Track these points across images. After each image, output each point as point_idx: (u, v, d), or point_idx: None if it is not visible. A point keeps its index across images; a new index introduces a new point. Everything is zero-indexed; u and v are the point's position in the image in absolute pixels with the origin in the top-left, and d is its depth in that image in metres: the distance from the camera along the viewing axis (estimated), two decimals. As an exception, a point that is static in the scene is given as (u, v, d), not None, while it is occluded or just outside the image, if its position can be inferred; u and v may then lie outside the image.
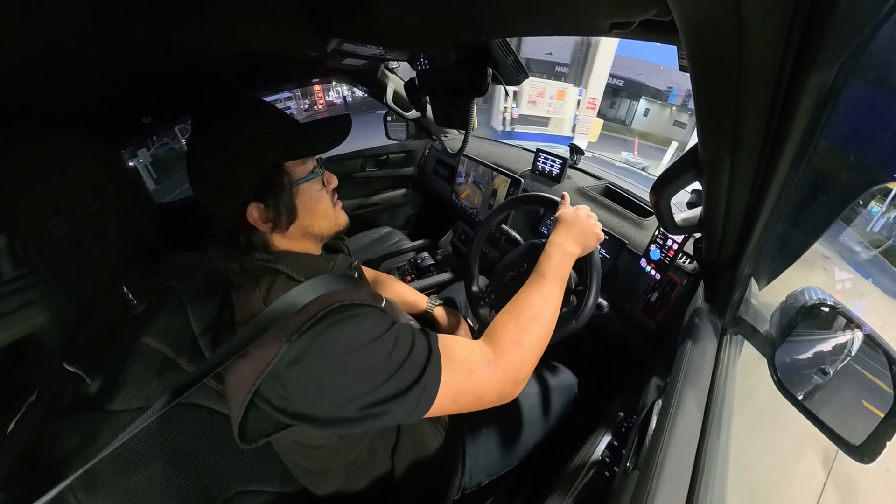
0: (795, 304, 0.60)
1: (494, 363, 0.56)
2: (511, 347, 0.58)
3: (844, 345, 0.61)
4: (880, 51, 0.25)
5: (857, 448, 0.52)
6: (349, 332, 0.49)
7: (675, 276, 0.97)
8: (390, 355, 0.50)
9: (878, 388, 0.54)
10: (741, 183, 0.45)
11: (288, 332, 0.48)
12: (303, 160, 0.61)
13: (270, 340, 0.49)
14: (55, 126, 0.58)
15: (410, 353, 0.51)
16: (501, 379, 0.56)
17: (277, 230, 0.59)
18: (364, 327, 0.50)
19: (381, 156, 1.99)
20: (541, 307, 0.64)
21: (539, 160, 1.46)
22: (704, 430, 0.53)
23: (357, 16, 0.68)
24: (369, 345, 0.49)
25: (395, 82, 1.71)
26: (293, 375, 0.47)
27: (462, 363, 0.54)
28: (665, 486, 0.43)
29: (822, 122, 0.31)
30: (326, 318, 0.50)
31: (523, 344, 0.59)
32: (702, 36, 0.30)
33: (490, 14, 0.67)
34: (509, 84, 1.03)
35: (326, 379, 0.48)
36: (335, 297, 0.52)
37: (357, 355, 0.48)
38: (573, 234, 0.76)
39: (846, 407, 0.60)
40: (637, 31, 0.52)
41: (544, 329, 0.63)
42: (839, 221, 0.80)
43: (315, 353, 0.48)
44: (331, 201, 0.67)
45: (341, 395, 0.48)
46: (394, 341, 0.51)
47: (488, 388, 0.55)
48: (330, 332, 0.49)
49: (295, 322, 0.49)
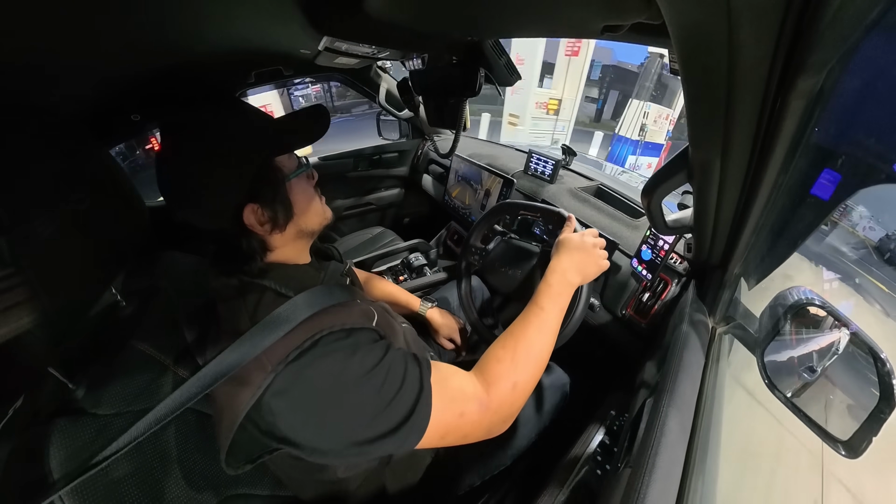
0: (784, 303, 0.61)
1: (487, 405, 0.54)
2: (505, 389, 0.56)
3: (831, 343, 0.62)
4: (868, 56, 0.25)
5: (845, 443, 0.53)
6: (338, 366, 0.47)
7: (666, 276, 0.98)
8: (379, 392, 0.48)
9: (864, 384, 0.55)
10: (731, 184, 0.46)
11: (273, 362, 0.46)
12: (289, 155, 0.58)
13: (255, 368, 0.47)
14: (41, 122, 0.56)
15: (401, 388, 0.49)
16: (492, 420, 0.55)
17: (276, 231, 0.57)
18: (354, 361, 0.48)
19: (374, 155, 1.98)
20: (538, 344, 0.62)
21: (532, 161, 1.47)
22: (695, 428, 0.53)
23: (349, 14, 0.68)
24: (358, 381, 0.47)
25: (388, 82, 1.70)
26: (279, 406, 0.46)
27: (454, 404, 0.52)
28: (656, 483, 0.43)
29: (810, 126, 0.32)
30: (314, 347, 0.48)
31: (518, 385, 0.58)
32: (692, 40, 0.30)
33: (483, 15, 0.67)
34: (501, 84, 1.03)
35: (312, 413, 0.46)
36: (325, 322, 0.50)
37: (345, 392, 0.47)
38: (576, 262, 0.73)
39: (833, 404, 0.61)
40: (628, 33, 0.52)
41: (540, 365, 0.62)
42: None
43: (301, 386, 0.46)
44: (319, 196, 0.66)
45: (327, 431, 0.47)
46: (384, 376, 0.49)
47: (478, 428, 0.54)
48: (317, 365, 0.47)
49: (281, 350, 0.47)
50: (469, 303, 1.08)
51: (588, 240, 0.76)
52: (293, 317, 0.50)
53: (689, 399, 0.55)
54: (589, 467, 0.73)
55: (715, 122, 0.36)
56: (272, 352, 0.47)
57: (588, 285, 0.81)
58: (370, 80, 1.67)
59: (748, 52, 0.27)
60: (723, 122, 0.35)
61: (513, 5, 0.59)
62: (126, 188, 0.67)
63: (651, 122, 8.45)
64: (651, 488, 0.43)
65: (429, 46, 0.95)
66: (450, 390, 0.53)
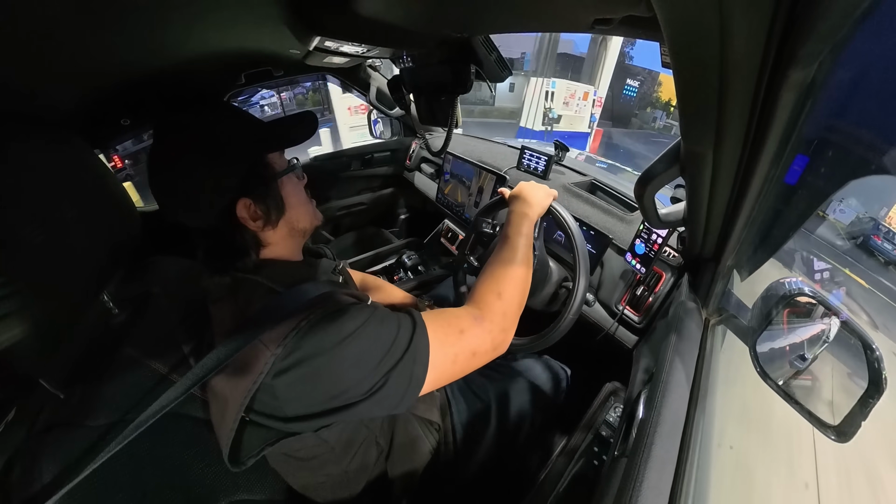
0: (776, 293, 0.62)
1: (481, 317, 0.60)
2: (492, 299, 0.62)
3: (822, 331, 0.63)
4: (859, 48, 0.25)
5: (834, 428, 0.54)
6: (334, 328, 0.49)
7: (660, 269, 0.99)
8: (378, 336, 0.50)
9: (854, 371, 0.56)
10: (724, 177, 0.46)
11: (272, 345, 0.47)
12: (280, 153, 0.60)
13: (254, 354, 0.47)
14: (29, 128, 0.55)
15: (398, 330, 0.52)
16: (491, 329, 0.60)
17: (268, 227, 0.58)
18: (346, 319, 0.50)
19: (367, 155, 1.96)
20: (511, 261, 0.70)
21: (524, 157, 1.47)
22: (689, 418, 0.54)
23: (338, 13, 0.67)
24: (355, 333, 0.49)
25: (379, 80, 1.69)
26: (285, 383, 0.46)
27: (451, 326, 0.56)
28: (652, 472, 0.44)
29: (802, 118, 0.32)
30: (311, 324, 0.49)
31: (503, 294, 0.64)
32: (684, 32, 0.30)
33: (473, 11, 0.67)
34: (493, 81, 1.03)
35: (319, 376, 0.47)
36: (320, 304, 0.51)
37: (345, 346, 0.48)
38: (524, 198, 0.84)
39: (824, 390, 0.62)
40: (619, 27, 0.52)
41: (519, 280, 0.68)
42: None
43: (304, 358, 0.47)
44: (309, 197, 0.67)
45: (337, 387, 0.48)
46: (378, 323, 0.51)
47: (481, 341, 0.58)
48: (315, 334, 0.48)
49: (278, 333, 0.48)
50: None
51: (525, 183, 0.88)
52: (285, 308, 0.50)
53: (683, 389, 0.56)
54: (586, 458, 0.74)
55: (707, 116, 0.37)
56: (269, 337, 0.48)
57: (584, 282, 0.82)
58: (360, 79, 1.66)
59: (740, 44, 0.27)
60: (715, 115, 0.36)
61: (504, 1, 0.59)
62: (117, 194, 0.66)
63: (560, 104, 6.50)
64: (647, 477, 0.43)
65: (419, 44, 0.94)
66: (445, 316, 0.58)
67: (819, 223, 9.69)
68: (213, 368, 0.46)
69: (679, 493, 0.45)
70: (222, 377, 0.49)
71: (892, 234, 11.19)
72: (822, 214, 11.85)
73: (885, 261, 10.28)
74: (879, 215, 13.75)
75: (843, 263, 7.99)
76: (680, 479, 0.46)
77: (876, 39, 0.25)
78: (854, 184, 0.42)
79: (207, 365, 0.47)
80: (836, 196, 0.55)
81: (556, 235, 1.24)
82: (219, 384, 0.50)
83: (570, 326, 0.85)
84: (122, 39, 0.56)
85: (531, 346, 0.90)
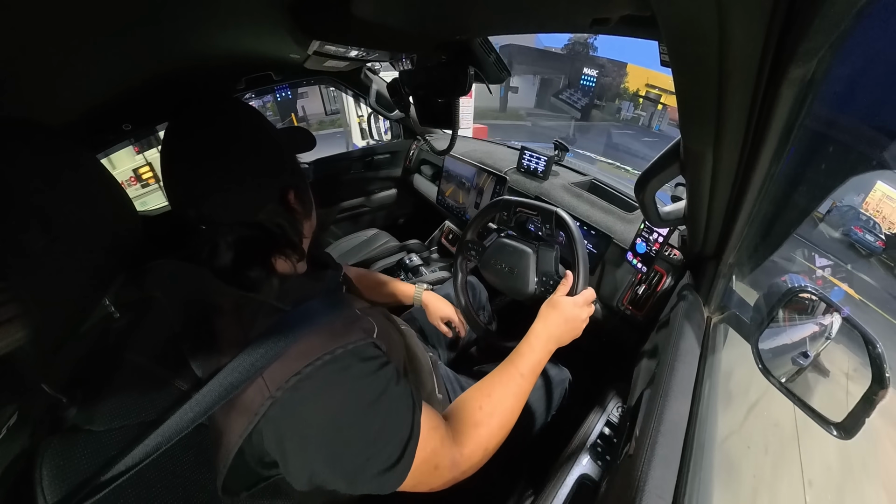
0: (777, 291, 0.62)
1: (459, 465, 0.56)
2: (478, 454, 0.58)
3: (824, 328, 0.63)
4: (858, 43, 0.25)
5: (838, 425, 0.54)
6: (337, 399, 0.46)
7: (661, 268, 0.99)
8: (373, 433, 0.47)
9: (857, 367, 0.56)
10: (724, 175, 0.46)
11: (272, 387, 0.45)
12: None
13: (253, 393, 0.46)
14: (30, 133, 0.55)
15: (393, 431, 0.49)
16: (457, 478, 0.57)
17: (307, 218, 0.60)
18: (354, 393, 0.47)
19: (367, 157, 1.97)
20: (515, 412, 0.64)
21: (524, 158, 1.47)
22: (692, 415, 0.54)
23: (337, 18, 0.67)
24: (356, 417, 0.47)
25: (378, 83, 1.70)
26: (273, 434, 0.45)
27: (434, 456, 0.53)
28: (656, 470, 0.44)
29: (801, 114, 0.32)
30: (313, 375, 0.46)
31: (488, 451, 0.60)
32: (683, 30, 0.30)
33: (471, 14, 0.67)
34: (492, 82, 1.03)
35: (307, 444, 0.46)
36: (325, 343, 0.48)
37: (342, 427, 0.46)
38: (563, 332, 0.75)
39: (827, 387, 0.62)
40: (618, 26, 0.53)
41: (509, 428, 0.63)
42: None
43: (297, 417, 0.45)
44: None
45: (317, 463, 0.46)
46: (381, 417, 0.48)
47: (443, 482, 0.55)
48: (315, 397, 0.46)
49: (280, 374, 0.45)
50: (467, 299, 1.08)
51: (581, 310, 0.77)
52: (292, 333, 0.48)
53: (686, 388, 0.56)
54: (589, 459, 0.73)
55: (707, 113, 0.37)
56: (270, 375, 0.46)
57: (584, 282, 0.82)
58: (360, 83, 1.67)
59: (739, 42, 0.27)
60: (715, 113, 0.36)
61: (503, 2, 0.59)
62: (118, 199, 0.66)
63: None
64: (651, 474, 0.43)
65: (417, 47, 0.95)
66: (434, 440, 0.53)
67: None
68: (220, 399, 0.45)
69: (683, 492, 0.45)
70: (220, 407, 0.47)
71: (872, 224, 10.76)
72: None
73: (867, 253, 9.97)
74: (856, 202, 13.05)
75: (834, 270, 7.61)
76: (683, 478, 0.46)
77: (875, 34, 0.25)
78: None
79: (212, 395, 0.45)
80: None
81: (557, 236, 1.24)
82: (216, 413, 0.48)
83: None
84: (123, 45, 0.57)
85: None
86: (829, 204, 10.24)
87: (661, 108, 23.57)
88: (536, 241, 0.99)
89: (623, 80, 26.84)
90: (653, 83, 27.40)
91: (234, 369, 0.46)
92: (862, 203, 13.38)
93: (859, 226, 10.38)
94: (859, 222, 10.55)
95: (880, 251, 9.93)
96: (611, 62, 26.50)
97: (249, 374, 0.46)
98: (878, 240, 10.04)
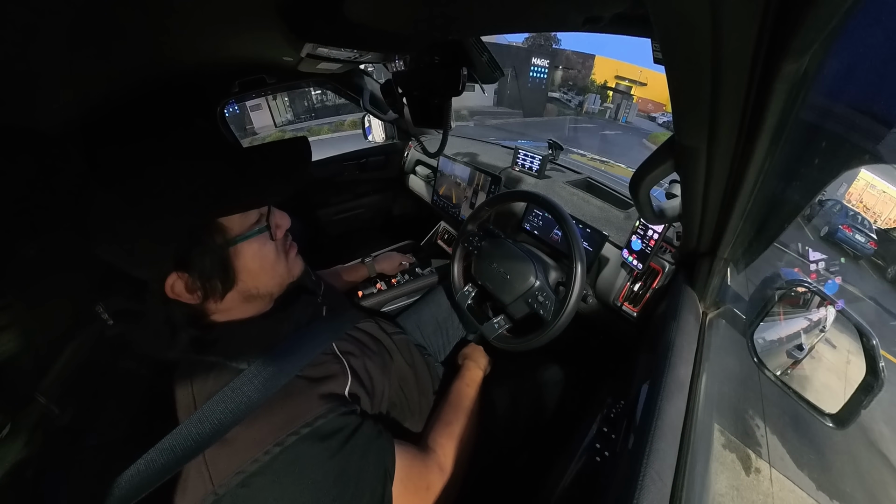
0: (772, 285, 0.63)
1: (444, 469, 0.62)
2: (462, 460, 0.67)
3: (818, 321, 0.64)
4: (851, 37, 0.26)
5: (833, 416, 0.55)
6: (289, 496, 0.40)
7: (657, 264, 1.00)
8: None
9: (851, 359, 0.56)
10: (718, 171, 0.46)
11: (216, 479, 0.39)
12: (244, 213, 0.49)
13: (195, 477, 0.40)
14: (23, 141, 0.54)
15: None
16: (452, 476, 0.62)
17: (211, 299, 0.48)
18: (310, 487, 0.41)
19: (361, 159, 1.96)
20: (466, 409, 0.79)
21: (519, 157, 1.48)
22: (689, 410, 0.54)
23: (330, 20, 0.67)
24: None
25: (372, 85, 1.70)
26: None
27: (420, 487, 0.56)
28: (654, 466, 0.44)
29: (795, 109, 0.32)
30: (263, 471, 0.40)
31: (461, 439, 0.70)
32: (675, 27, 0.30)
33: (462, 13, 0.67)
34: (485, 82, 1.03)
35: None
36: (276, 430, 0.42)
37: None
38: (477, 359, 0.94)
39: (821, 379, 0.63)
40: (611, 25, 0.53)
41: (470, 422, 0.77)
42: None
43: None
44: (283, 252, 0.55)
45: None
46: (349, 501, 0.43)
47: (443, 486, 0.60)
48: (266, 497, 0.40)
49: (224, 465, 0.40)
50: (463, 301, 1.09)
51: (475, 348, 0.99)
52: (240, 407, 0.43)
53: (682, 383, 0.56)
54: (588, 455, 0.73)
55: (700, 110, 0.37)
56: (214, 462, 0.40)
57: (581, 279, 0.83)
58: (353, 85, 1.66)
59: (732, 37, 0.27)
60: (708, 109, 0.36)
61: (495, 1, 0.59)
62: None
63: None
64: (649, 472, 0.44)
65: (410, 48, 0.95)
66: (413, 476, 0.55)
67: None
68: (154, 482, 0.40)
69: (681, 487, 0.45)
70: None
71: (861, 220, 9.07)
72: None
73: (854, 254, 8.48)
74: (838, 193, 11.84)
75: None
76: (681, 473, 0.46)
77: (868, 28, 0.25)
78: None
79: (152, 471, 0.41)
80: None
81: (552, 234, 1.25)
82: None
83: (567, 324, 0.85)
84: (117, 50, 0.56)
85: (528, 345, 0.90)
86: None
87: (628, 100, 22.81)
88: (536, 254, 1.01)
89: (590, 72, 26.21)
90: (622, 74, 27.10)
91: (170, 450, 0.41)
92: (845, 194, 12.37)
93: (847, 224, 8.89)
94: (846, 220, 9.03)
95: (871, 252, 8.54)
96: (576, 54, 25.84)
97: (188, 455, 0.40)
98: (870, 240, 8.57)
